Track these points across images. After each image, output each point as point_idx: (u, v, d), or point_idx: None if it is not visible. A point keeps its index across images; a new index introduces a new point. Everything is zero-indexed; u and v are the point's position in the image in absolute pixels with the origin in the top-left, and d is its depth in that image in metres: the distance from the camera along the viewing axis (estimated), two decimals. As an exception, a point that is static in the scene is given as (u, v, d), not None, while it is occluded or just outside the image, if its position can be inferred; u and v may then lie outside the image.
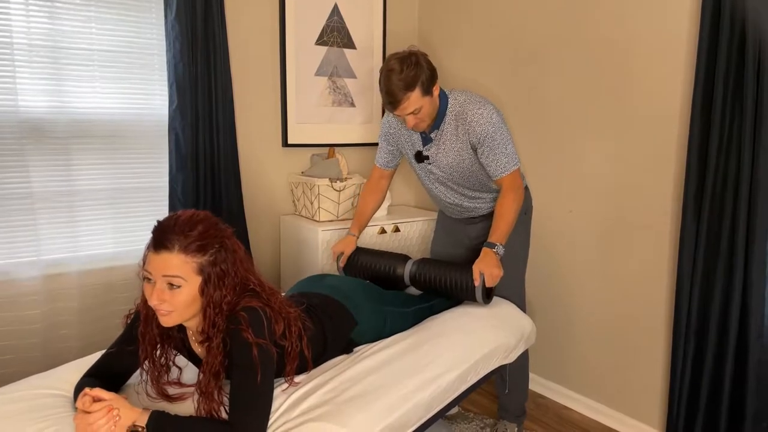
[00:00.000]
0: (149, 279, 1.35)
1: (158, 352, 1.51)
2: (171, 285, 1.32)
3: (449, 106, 2.09)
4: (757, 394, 2.02)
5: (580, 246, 2.62)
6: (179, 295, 1.33)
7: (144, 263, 1.36)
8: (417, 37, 3.43)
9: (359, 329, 1.77)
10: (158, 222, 1.37)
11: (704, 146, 2.07)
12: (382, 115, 3.31)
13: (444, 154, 2.14)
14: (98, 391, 1.31)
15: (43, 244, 2.42)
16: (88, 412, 1.27)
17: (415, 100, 1.97)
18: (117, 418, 1.28)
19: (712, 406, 2.14)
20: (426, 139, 2.17)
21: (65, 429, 1.29)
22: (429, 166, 2.21)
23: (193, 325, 1.45)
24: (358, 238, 2.36)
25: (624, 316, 2.48)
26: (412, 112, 2.00)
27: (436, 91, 2.04)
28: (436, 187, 2.28)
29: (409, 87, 1.95)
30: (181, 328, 1.52)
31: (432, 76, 2.01)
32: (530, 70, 2.75)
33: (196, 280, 1.34)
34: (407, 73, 1.94)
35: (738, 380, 2.06)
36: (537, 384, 2.88)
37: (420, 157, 2.21)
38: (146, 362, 1.49)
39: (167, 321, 1.37)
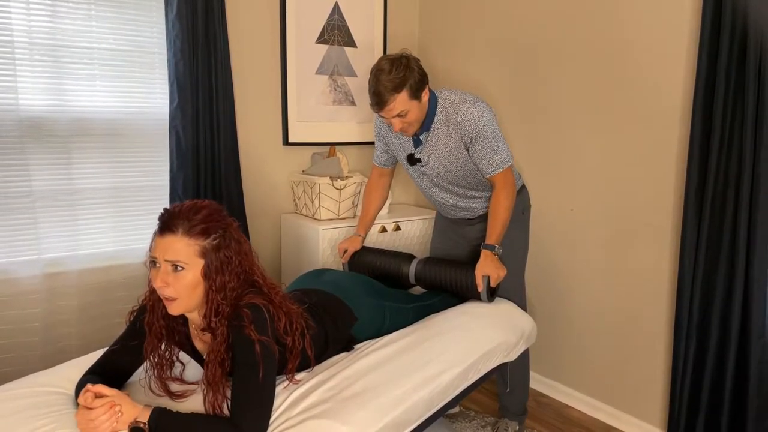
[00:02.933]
0: (155, 263, 1.37)
1: (163, 346, 1.51)
2: (175, 267, 1.34)
3: (439, 106, 2.06)
4: (758, 393, 2.02)
5: (581, 244, 2.61)
6: (183, 278, 1.34)
7: (150, 249, 1.39)
8: (417, 36, 3.43)
9: (359, 324, 1.78)
10: (164, 209, 1.41)
11: (705, 144, 2.07)
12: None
13: (436, 156, 2.12)
14: (100, 388, 1.31)
15: (43, 242, 2.42)
16: (90, 408, 1.27)
17: (401, 102, 1.95)
18: (119, 415, 1.28)
19: (713, 404, 2.13)
20: (417, 142, 2.15)
21: (66, 426, 1.29)
22: (422, 169, 2.19)
23: (196, 318, 1.45)
24: (364, 238, 2.37)
25: (625, 314, 2.48)
26: (398, 115, 1.97)
27: (425, 97, 2.02)
28: (431, 189, 2.27)
29: (397, 88, 1.93)
30: (185, 323, 1.52)
31: (422, 80, 1.99)
32: (530, 67, 2.75)
33: (199, 263, 1.36)
34: (396, 74, 1.92)
35: (739, 378, 2.06)
36: (538, 382, 2.88)
37: (412, 160, 2.19)
38: (152, 355, 1.50)
39: (173, 308, 1.38)
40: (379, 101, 1.96)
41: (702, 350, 2.14)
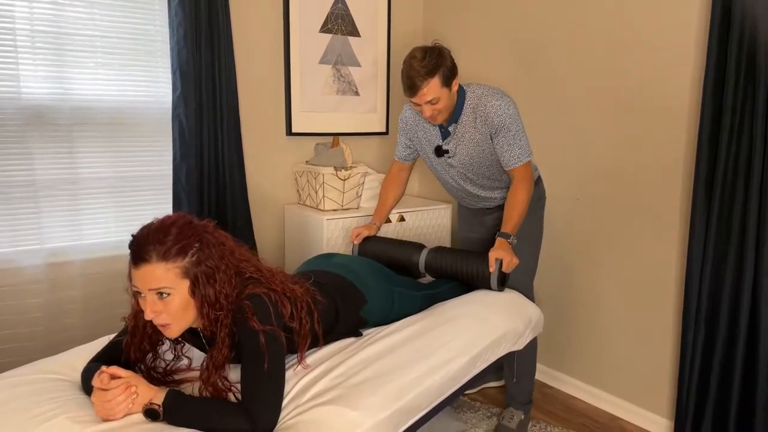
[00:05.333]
0: (139, 293, 1.33)
1: (152, 355, 1.50)
2: (161, 294, 1.30)
3: (467, 99, 2.12)
4: (768, 383, 2.01)
5: (588, 234, 2.60)
6: (171, 303, 1.31)
7: (130, 279, 1.34)
8: (422, 25, 3.40)
9: (368, 306, 1.77)
10: (132, 236, 1.34)
11: (715, 132, 2.05)
12: (387, 105, 3.30)
13: (464, 147, 2.16)
14: (115, 369, 1.30)
15: (45, 232, 2.40)
16: (106, 390, 1.26)
17: (434, 87, 1.99)
18: (135, 396, 1.28)
19: (721, 394, 2.12)
20: (445, 133, 2.19)
21: (71, 411, 1.27)
22: (449, 160, 2.23)
23: (199, 326, 1.43)
24: (378, 227, 2.40)
25: (632, 305, 2.46)
26: (429, 101, 2.02)
27: (455, 87, 2.07)
28: (454, 180, 2.30)
29: (430, 74, 1.98)
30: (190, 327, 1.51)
31: (453, 69, 2.05)
32: (536, 57, 2.73)
33: (184, 284, 1.32)
34: (429, 60, 1.98)
35: (749, 368, 2.04)
36: (544, 374, 2.86)
37: (440, 152, 2.23)
38: (138, 365, 1.48)
39: (170, 332, 1.35)
40: (411, 86, 2.00)
41: (711, 340, 2.13)
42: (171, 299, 1.30)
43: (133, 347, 1.45)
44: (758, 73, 1.91)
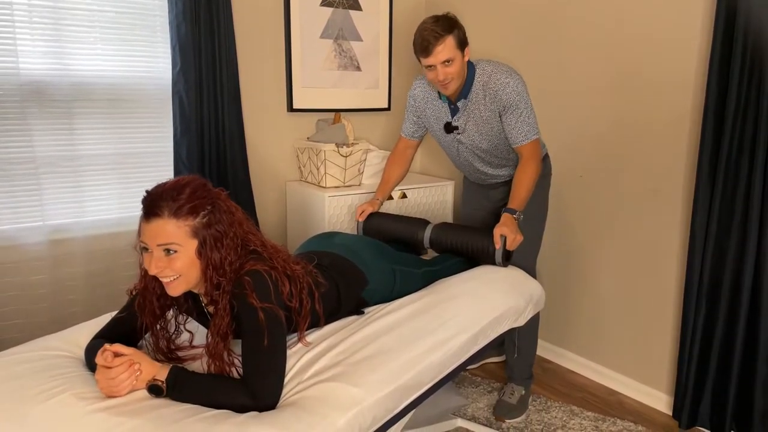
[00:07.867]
0: (146, 249, 1.33)
1: (159, 325, 1.50)
2: (168, 251, 1.31)
3: (477, 76, 2.11)
4: None
5: (591, 210, 2.59)
6: (177, 261, 1.31)
7: (139, 234, 1.34)
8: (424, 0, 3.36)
9: (370, 288, 1.77)
10: (146, 191, 1.34)
11: (720, 109, 2.03)
12: (389, 80, 3.26)
13: (473, 123, 2.16)
14: (118, 347, 1.31)
15: (47, 209, 2.40)
16: (110, 368, 1.27)
17: (449, 46, 1.98)
18: (138, 373, 1.28)
19: (721, 370, 2.14)
20: (454, 110, 2.18)
21: (76, 387, 1.28)
22: (458, 137, 2.23)
23: (201, 290, 1.43)
24: (381, 203, 2.41)
25: (634, 281, 2.47)
26: (444, 62, 1.99)
27: (467, 56, 2.07)
28: (463, 157, 2.31)
29: (445, 32, 1.97)
30: (187, 297, 1.51)
31: (465, 37, 2.05)
32: (541, 33, 2.69)
33: (192, 244, 1.32)
34: (443, 22, 1.98)
35: (749, 344, 2.06)
36: (545, 349, 2.88)
37: (449, 128, 2.22)
38: (148, 334, 1.49)
39: (174, 289, 1.35)
40: (426, 46, 1.99)
41: (712, 316, 2.14)
42: (177, 257, 1.31)
43: (147, 309, 1.45)
44: (765, 49, 1.87)
